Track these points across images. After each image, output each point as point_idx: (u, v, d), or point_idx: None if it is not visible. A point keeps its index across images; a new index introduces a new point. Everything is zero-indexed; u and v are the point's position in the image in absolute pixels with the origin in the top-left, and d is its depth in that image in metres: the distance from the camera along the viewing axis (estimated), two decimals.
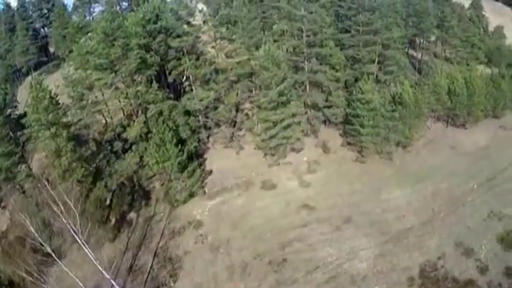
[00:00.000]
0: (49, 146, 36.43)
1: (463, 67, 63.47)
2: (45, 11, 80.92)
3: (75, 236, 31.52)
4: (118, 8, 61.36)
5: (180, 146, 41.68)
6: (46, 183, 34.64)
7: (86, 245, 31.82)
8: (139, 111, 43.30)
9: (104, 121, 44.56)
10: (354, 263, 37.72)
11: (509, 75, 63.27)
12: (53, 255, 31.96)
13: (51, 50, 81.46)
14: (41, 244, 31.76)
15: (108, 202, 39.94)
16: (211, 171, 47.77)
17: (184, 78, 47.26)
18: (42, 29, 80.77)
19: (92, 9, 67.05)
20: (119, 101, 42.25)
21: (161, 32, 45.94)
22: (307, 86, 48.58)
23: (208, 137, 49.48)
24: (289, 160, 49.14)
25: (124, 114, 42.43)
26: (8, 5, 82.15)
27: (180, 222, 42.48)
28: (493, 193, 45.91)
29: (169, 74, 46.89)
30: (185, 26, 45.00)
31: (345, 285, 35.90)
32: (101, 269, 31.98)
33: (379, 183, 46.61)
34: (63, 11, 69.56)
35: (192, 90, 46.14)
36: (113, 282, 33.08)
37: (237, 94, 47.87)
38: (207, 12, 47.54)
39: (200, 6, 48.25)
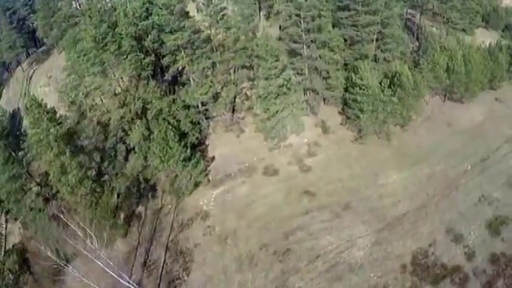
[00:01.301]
0: (54, 166, 37.78)
1: (461, 37, 64.13)
2: None
3: (89, 243, 34.31)
4: None
5: (182, 140, 43.76)
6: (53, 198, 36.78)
7: (99, 250, 34.64)
8: (139, 112, 44.44)
9: (104, 125, 45.63)
10: (352, 252, 41.50)
11: (506, 45, 64.41)
12: (62, 264, 34.71)
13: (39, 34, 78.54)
14: (57, 251, 34.45)
15: (116, 203, 42.17)
16: (213, 158, 50.47)
17: (181, 69, 47.84)
18: (27, 17, 77.42)
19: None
20: (118, 104, 43.19)
21: (154, 28, 46.01)
22: (306, 71, 49.75)
23: (208, 123, 51.09)
24: (290, 142, 51.89)
25: (124, 117, 43.50)
26: None
27: (188, 214, 45.66)
28: (486, 175, 49.19)
29: (166, 69, 47.49)
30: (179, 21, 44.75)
31: (343, 273, 39.75)
32: (113, 274, 34.82)
33: (378, 167, 49.63)
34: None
35: (190, 81, 47.05)
36: (129, 280, 36.27)
37: (236, 85, 48.87)
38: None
39: None
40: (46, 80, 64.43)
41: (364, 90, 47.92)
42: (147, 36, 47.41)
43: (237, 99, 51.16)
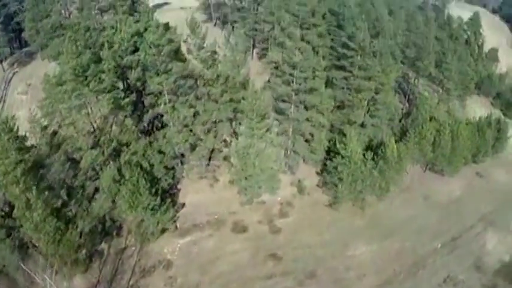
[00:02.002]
0: (19, 200, 37.11)
1: (452, 106, 65.31)
2: None
3: (47, 276, 33.94)
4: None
5: (153, 186, 43.52)
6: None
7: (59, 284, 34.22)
8: (112, 153, 43.91)
9: (75, 162, 44.87)
10: None
11: (495, 120, 65.61)
12: None
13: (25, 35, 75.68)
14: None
15: (80, 240, 41.62)
16: (183, 205, 50.38)
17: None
18: (15, 14, 74.40)
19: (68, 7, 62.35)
20: (92, 143, 42.59)
21: (139, 65, 45.56)
22: (290, 132, 49.88)
23: (182, 168, 50.99)
24: (263, 199, 51.81)
25: (96, 160, 42.92)
26: None
27: (151, 260, 45.21)
28: (455, 255, 50.17)
29: (146, 110, 47.11)
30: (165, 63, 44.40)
31: None
32: None
33: (348, 236, 50.11)
34: (38, 1, 63.59)
35: (168, 125, 46.78)
36: None
37: (215, 137, 48.73)
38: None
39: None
40: (25, 87, 63.44)
41: (346, 160, 48.13)
42: (131, 71, 46.66)
43: (215, 145, 50.71)
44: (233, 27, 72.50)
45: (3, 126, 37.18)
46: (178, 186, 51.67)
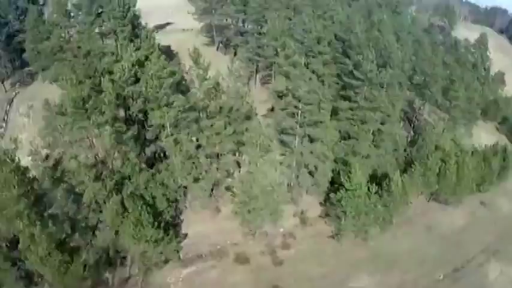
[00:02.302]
0: (23, 235, 37.70)
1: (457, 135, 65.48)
2: (21, 11, 73.44)
3: None
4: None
5: (156, 220, 44.01)
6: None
7: None
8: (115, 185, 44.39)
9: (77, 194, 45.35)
10: None
11: (502, 148, 65.66)
12: None
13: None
14: None
15: (85, 272, 42.21)
16: (186, 235, 50.92)
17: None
18: (17, 33, 72.24)
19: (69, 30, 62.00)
20: (94, 177, 43.06)
21: (140, 96, 45.97)
22: (294, 165, 50.24)
23: (185, 199, 51.75)
24: (266, 230, 52.21)
25: (99, 194, 43.46)
26: None
27: None
28: (457, 286, 50.20)
29: (149, 144, 47.71)
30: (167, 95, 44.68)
31: None
32: None
33: (350, 268, 50.51)
34: (39, 22, 63.60)
35: (171, 157, 47.25)
36: None
37: (217, 169, 49.22)
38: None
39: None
40: (26, 109, 63.99)
41: (350, 193, 48.41)
42: (133, 102, 47.08)
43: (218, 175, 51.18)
44: (235, 51, 72.64)
45: (5, 158, 37.78)
46: (181, 217, 52.38)
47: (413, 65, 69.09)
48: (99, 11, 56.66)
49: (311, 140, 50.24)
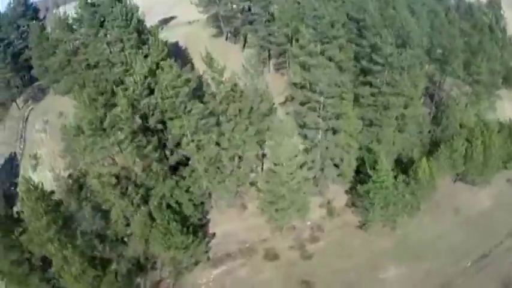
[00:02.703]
0: (56, 258, 38.27)
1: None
2: (24, 28, 72.65)
3: None
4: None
5: (184, 225, 45.02)
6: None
7: None
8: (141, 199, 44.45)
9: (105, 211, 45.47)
10: None
11: None
12: None
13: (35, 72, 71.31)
14: None
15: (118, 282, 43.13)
16: (214, 235, 51.80)
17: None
18: (22, 51, 72.17)
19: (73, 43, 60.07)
20: (119, 194, 43.00)
21: (157, 108, 45.16)
22: (319, 158, 49.66)
23: (210, 200, 52.22)
24: (293, 224, 52.65)
25: (125, 210, 43.61)
26: None
27: None
28: (483, 274, 50.06)
29: (171, 153, 47.44)
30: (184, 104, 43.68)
31: None
32: None
33: (378, 258, 51.00)
34: (42, 38, 62.17)
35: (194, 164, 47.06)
36: None
37: (241, 168, 49.08)
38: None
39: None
40: (42, 125, 63.96)
41: (377, 185, 47.96)
42: (151, 114, 46.33)
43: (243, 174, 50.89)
44: (245, 40, 70.41)
45: (29, 186, 38.09)
46: (208, 217, 52.89)
47: (431, 37, 66.57)
48: (102, 20, 54.61)
49: (334, 132, 49.33)
